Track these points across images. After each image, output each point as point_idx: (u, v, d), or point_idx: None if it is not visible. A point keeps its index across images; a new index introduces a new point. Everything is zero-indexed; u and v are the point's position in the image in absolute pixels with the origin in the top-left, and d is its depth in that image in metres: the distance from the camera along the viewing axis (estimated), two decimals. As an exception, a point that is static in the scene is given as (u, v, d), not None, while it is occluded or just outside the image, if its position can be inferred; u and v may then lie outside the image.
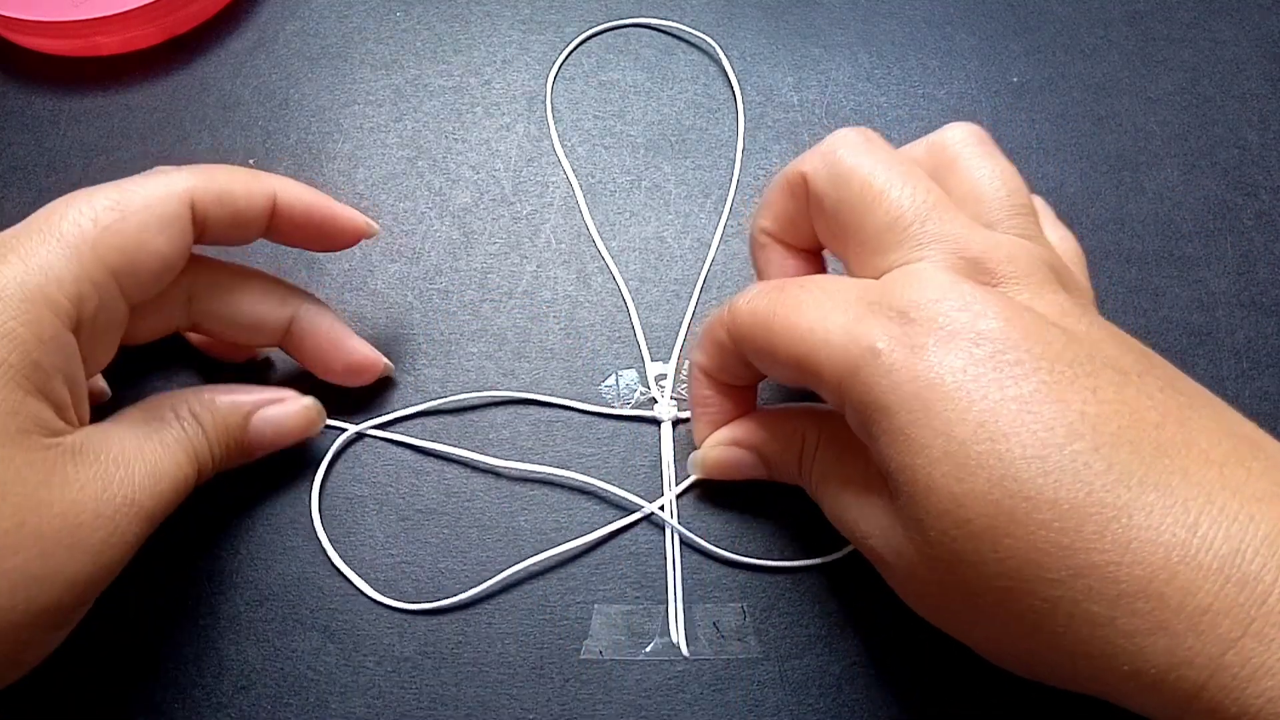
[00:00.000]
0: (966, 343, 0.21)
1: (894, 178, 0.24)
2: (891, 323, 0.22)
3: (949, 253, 0.23)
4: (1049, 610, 0.20)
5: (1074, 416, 0.20)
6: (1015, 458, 0.20)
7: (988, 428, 0.20)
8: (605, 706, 0.27)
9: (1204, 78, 0.38)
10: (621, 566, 0.29)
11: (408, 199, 0.36)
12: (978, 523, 0.20)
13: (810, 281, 0.25)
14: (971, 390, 0.21)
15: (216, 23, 0.40)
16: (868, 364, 0.22)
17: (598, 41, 0.40)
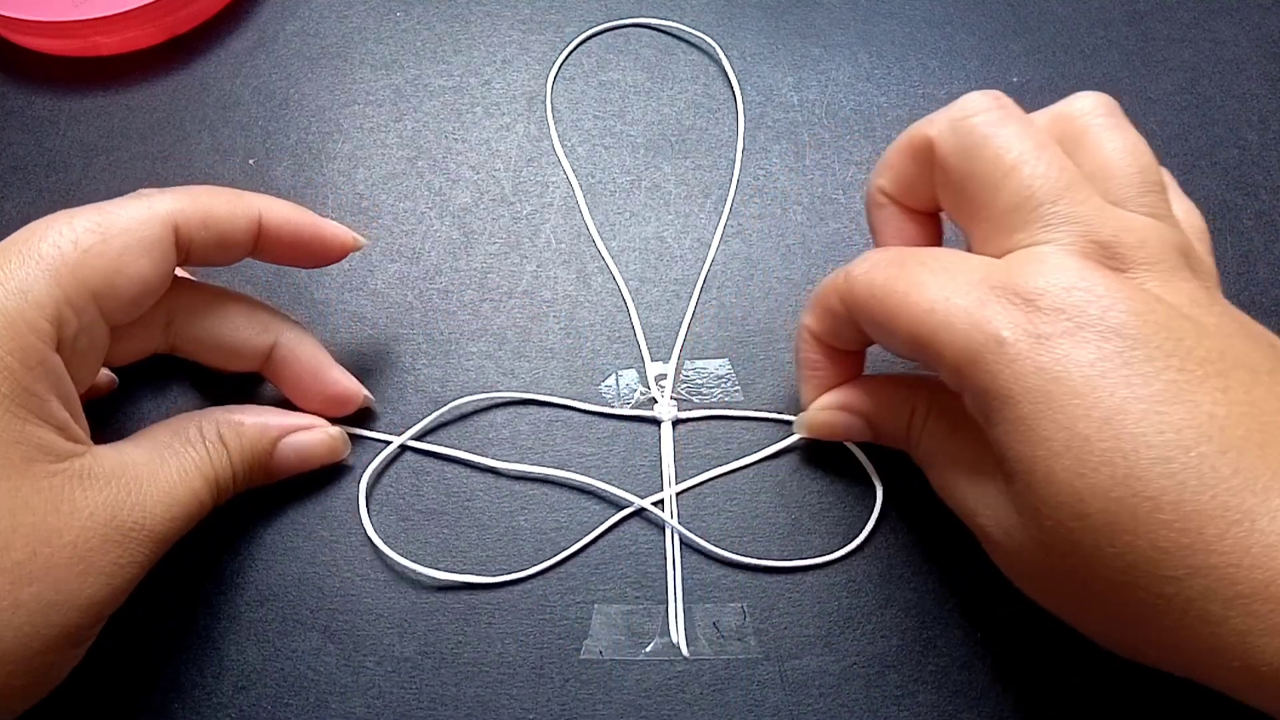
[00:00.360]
0: (1095, 336, 0.21)
1: (1028, 152, 0.24)
2: (1017, 310, 0.22)
3: (1079, 236, 0.23)
4: (1163, 605, 0.20)
5: (1202, 418, 0.20)
6: (1141, 458, 0.20)
7: (1113, 425, 0.20)
8: (605, 706, 0.27)
9: (1204, 78, 0.38)
10: (621, 566, 0.29)
11: (408, 199, 0.36)
12: (1097, 518, 0.20)
13: (931, 257, 0.24)
14: (1099, 386, 0.21)
15: (216, 23, 0.40)
16: (991, 352, 0.22)
17: (598, 41, 0.40)
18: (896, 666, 0.28)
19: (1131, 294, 0.22)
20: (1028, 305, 0.22)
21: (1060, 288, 0.22)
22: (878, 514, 0.30)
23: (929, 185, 0.26)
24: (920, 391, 0.27)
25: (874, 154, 0.37)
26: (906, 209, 0.27)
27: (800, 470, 0.31)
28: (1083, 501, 0.21)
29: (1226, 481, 0.19)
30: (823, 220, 0.35)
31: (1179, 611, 0.20)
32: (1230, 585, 0.19)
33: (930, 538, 0.29)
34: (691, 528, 0.30)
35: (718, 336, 0.33)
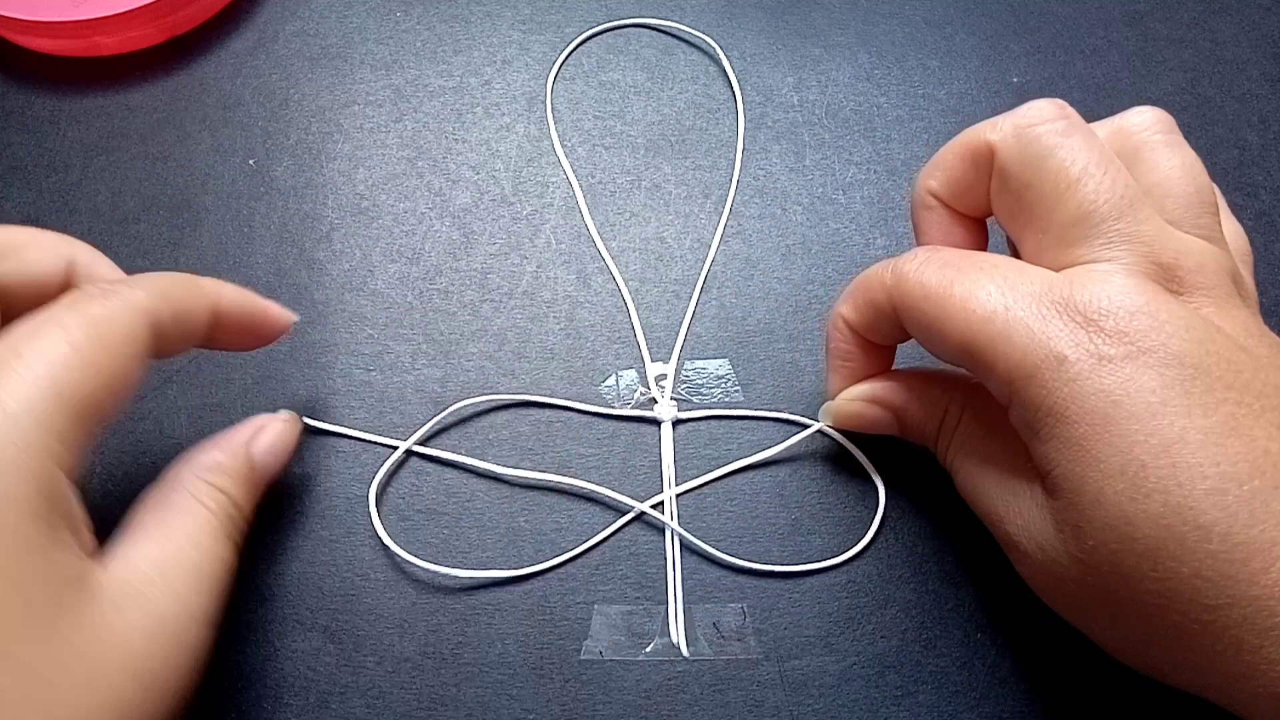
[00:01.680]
0: (1158, 363, 0.21)
1: (1092, 166, 0.23)
2: (1079, 329, 0.22)
3: (1141, 256, 0.23)
4: (1198, 630, 0.21)
5: (1258, 453, 0.20)
6: (1195, 488, 0.20)
7: (1171, 454, 0.21)
8: (605, 706, 0.27)
9: (1204, 78, 0.38)
10: (621, 567, 0.29)
11: (408, 199, 0.36)
12: (1144, 542, 0.21)
13: (990, 263, 0.24)
14: (1159, 414, 0.21)
15: (216, 23, 0.40)
16: (1050, 369, 0.22)
17: (598, 42, 0.40)
18: (896, 667, 0.28)
19: (1193, 322, 0.22)
20: (1090, 325, 0.22)
21: (1125, 310, 0.22)
22: (881, 516, 0.30)
23: (983, 190, 0.26)
24: (955, 391, 0.27)
25: (874, 154, 0.37)
26: (955, 213, 0.27)
27: (800, 471, 0.31)
28: (1131, 525, 0.21)
29: (1277, 516, 0.20)
30: (823, 220, 0.35)
31: (1213, 637, 0.20)
32: (1269, 616, 0.20)
33: (930, 539, 0.29)
34: (692, 529, 0.30)
35: (718, 337, 0.33)
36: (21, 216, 0.36)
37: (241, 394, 0.32)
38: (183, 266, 0.34)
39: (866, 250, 0.35)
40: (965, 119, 0.37)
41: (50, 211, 0.36)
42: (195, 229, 0.35)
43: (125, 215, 0.36)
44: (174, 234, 0.35)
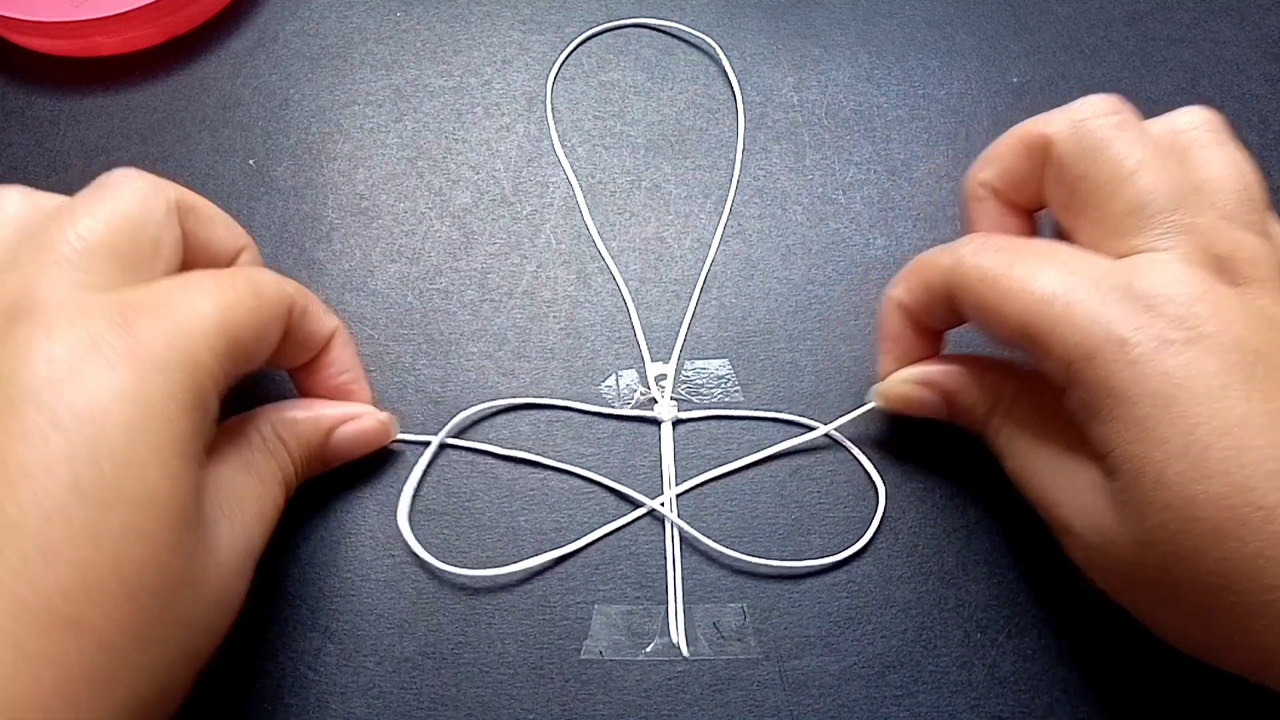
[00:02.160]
0: (1219, 348, 0.21)
1: (1148, 159, 0.24)
2: (1140, 313, 0.22)
3: (1197, 247, 0.23)
4: (1258, 610, 0.21)
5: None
6: (1259, 470, 0.20)
7: (1234, 436, 0.21)
8: (605, 706, 0.27)
9: (1204, 78, 0.38)
10: (621, 567, 0.29)
11: (408, 199, 0.36)
12: (1206, 522, 0.21)
13: (1049, 248, 0.25)
14: (1222, 397, 0.21)
15: (216, 23, 0.40)
16: (1112, 350, 0.22)
17: (598, 42, 0.40)
18: (896, 667, 0.28)
19: (1253, 312, 0.22)
20: (1150, 309, 0.22)
21: (1186, 296, 0.22)
22: (880, 516, 0.30)
23: (1037, 182, 0.26)
24: (1008, 376, 0.27)
25: (874, 154, 0.37)
26: (1006, 204, 0.27)
27: (801, 471, 0.31)
28: (1194, 505, 0.21)
29: None
30: (823, 220, 0.35)
31: (1273, 617, 0.21)
32: None
33: (930, 539, 0.30)
34: (692, 528, 0.30)
35: (718, 337, 0.33)
36: (21, 216, 0.35)
37: (241, 392, 0.32)
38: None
39: (866, 250, 0.35)
40: (965, 119, 0.37)
41: (50, 211, 0.36)
42: (195, 229, 0.35)
43: (125, 215, 0.36)
44: (174, 234, 0.35)
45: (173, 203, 0.25)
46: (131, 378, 0.20)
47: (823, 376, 0.32)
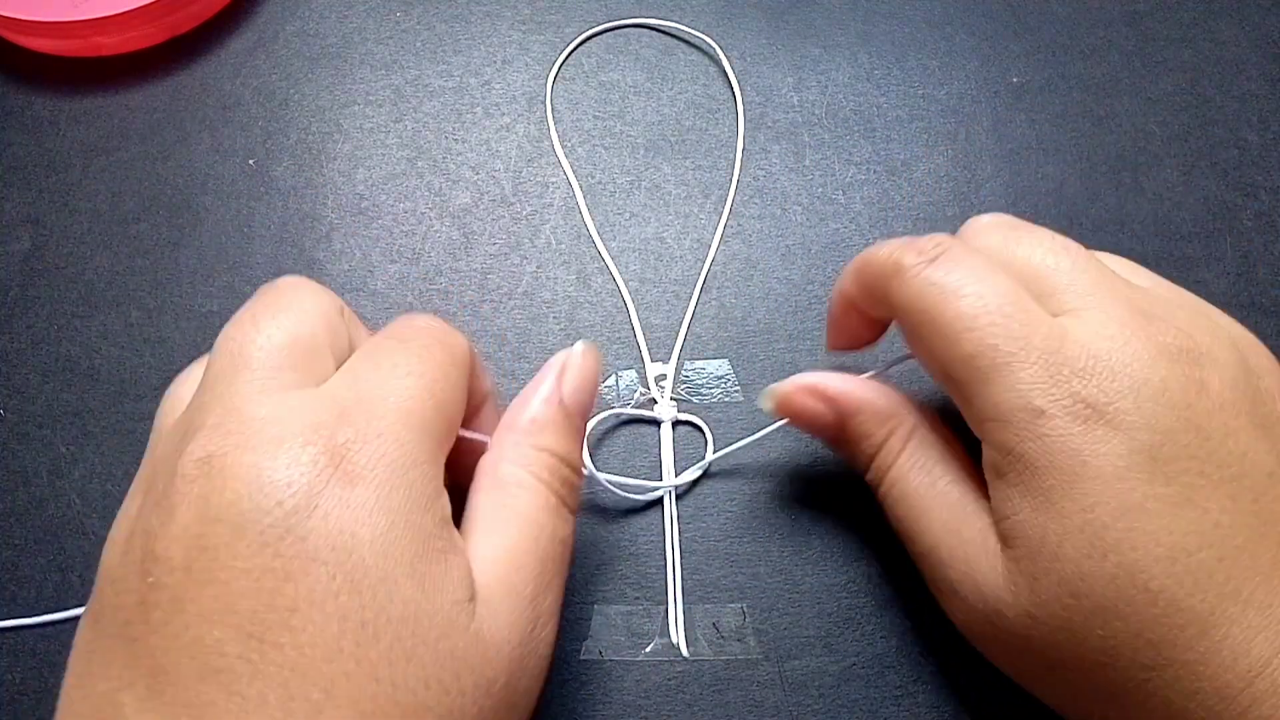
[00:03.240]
0: (1129, 428, 0.21)
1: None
2: (1061, 383, 0.22)
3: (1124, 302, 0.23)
4: (1132, 688, 0.21)
5: (1209, 525, 0.21)
6: (1148, 554, 0.21)
7: (1130, 519, 0.21)
8: (605, 707, 0.27)
9: (1204, 78, 0.38)
10: (621, 567, 0.29)
11: (407, 199, 0.36)
12: (1095, 599, 0.21)
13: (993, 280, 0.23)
14: (1125, 478, 0.21)
15: (216, 23, 0.40)
16: (1025, 419, 0.22)
17: (597, 42, 0.40)
18: (896, 667, 0.28)
19: (1172, 382, 0.22)
20: (1074, 378, 0.22)
21: (1109, 369, 0.22)
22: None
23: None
24: (908, 413, 0.26)
25: (874, 154, 0.37)
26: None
27: (800, 472, 0.31)
28: (1086, 582, 0.21)
29: (1217, 588, 0.21)
30: (822, 221, 0.35)
31: (1145, 695, 0.21)
32: (1194, 681, 0.20)
33: (930, 538, 0.30)
34: (692, 528, 0.30)
35: (717, 337, 0.33)
36: (21, 216, 0.36)
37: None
38: (183, 267, 0.34)
39: (864, 251, 0.35)
40: (965, 119, 0.37)
41: (50, 211, 0.36)
42: (195, 229, 0.35)
43: (125, 215, 0.36)
44: (174, 234, 0.35)
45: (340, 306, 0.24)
46: (369, 491, 0.20)
47: (822, 377, 0.32)
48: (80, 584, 0.29)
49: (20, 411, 0.32)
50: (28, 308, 0.34)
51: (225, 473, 0.19)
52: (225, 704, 0.18)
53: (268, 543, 0.19)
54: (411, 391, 0.21)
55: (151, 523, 0.20)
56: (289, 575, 0.19)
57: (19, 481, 0.31)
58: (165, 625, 0.18)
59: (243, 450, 0.19)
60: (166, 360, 0.33)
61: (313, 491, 0.19)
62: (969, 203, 0.35)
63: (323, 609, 0.19)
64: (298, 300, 0.23)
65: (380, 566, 0.19)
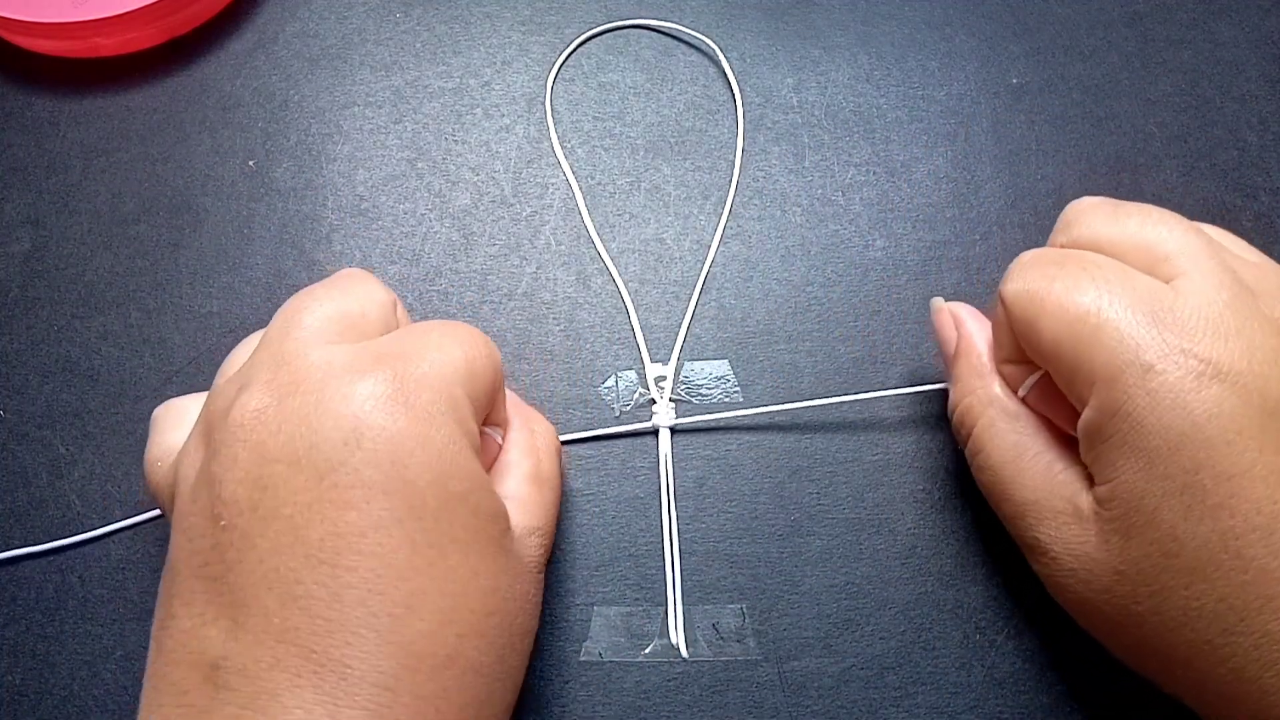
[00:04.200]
0: (1242, 392, 0.21)
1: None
2: (1173, 340, 0.22)
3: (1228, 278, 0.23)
4: (1208, 651, 0.21)
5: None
6: (1247, 522, 0.21)
7: (1233, 484, 0.21)
8: (605, 708, 0.27)
9: (1203, 79, 0.38)
10: (621, 568, 0.29)
11: (407, 200, 0.36)
12: (1185, 560, 0.21)
13: (1093, 264, 0.24)
14: (1233, 443, 0.21)
15: (216, 24, 0.40)
16: (1135, 375, 0.22)
17: (597, 43, 0.40)
18: (895, 668, 0.28)
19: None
20: (1185, 337, 0.22)
21: (1223, 331, 0.22)
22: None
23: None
24: (1026, 368, 0.26)
25: (873, 155, 0.37)
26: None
27: (800, 471, 0.31)
28: (1179, 543, 0.21)
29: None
30: (822, 222, 0.35)
31: (1218, 660, 0.21)
32: (1274, 650, 0.20)
33: (928, 540, 0.30)
34: (691, 528, 0.30)
35: (717, 338, 0.33)
36: (22, 217, 0.36)
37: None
38: (182, 268, 0.34)
39: (866, 252, 0.35)
40: (964, 120, 0.37)
41: (50, 213, 0.36)
42: (195, 230, 0.35)
43: (125, 216, 0.36)
44: (174, 235, 0.35)
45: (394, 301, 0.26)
46: (416, 426, 0.21)
47: (822, 377, 0.32)
48: (80, 584, 0.29)
49: (20, 412, 0.32)
50: (28, 308, 0.34)
51: (279, 418, 0.21)
52: (309, 627, 0.19)
53: (322, 475, 0.20)
54: (452, 355, 0.23)
55: (215, 471, 0.21)
56: (349, 504, 0.20)
57: (19, 482, 0.31)
58: (240, 562, 0.20)
59: (293, 395, 0.21)
60: (166, 361, 0.33)
61: (359, 428, 0.20)
62: (968, 204, 0.35)
63: (390, 533, 0.20)
64: (354, 285, 0.25)
65: (436, 496, 0.21)
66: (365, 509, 0.20)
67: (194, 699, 0.19)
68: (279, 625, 0.19)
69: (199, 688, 0.19)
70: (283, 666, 0.19)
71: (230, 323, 0.33)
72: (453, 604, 0.21)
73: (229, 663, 0.19)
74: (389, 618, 0.20)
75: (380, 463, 0.20)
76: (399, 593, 0.20)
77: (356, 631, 0.19)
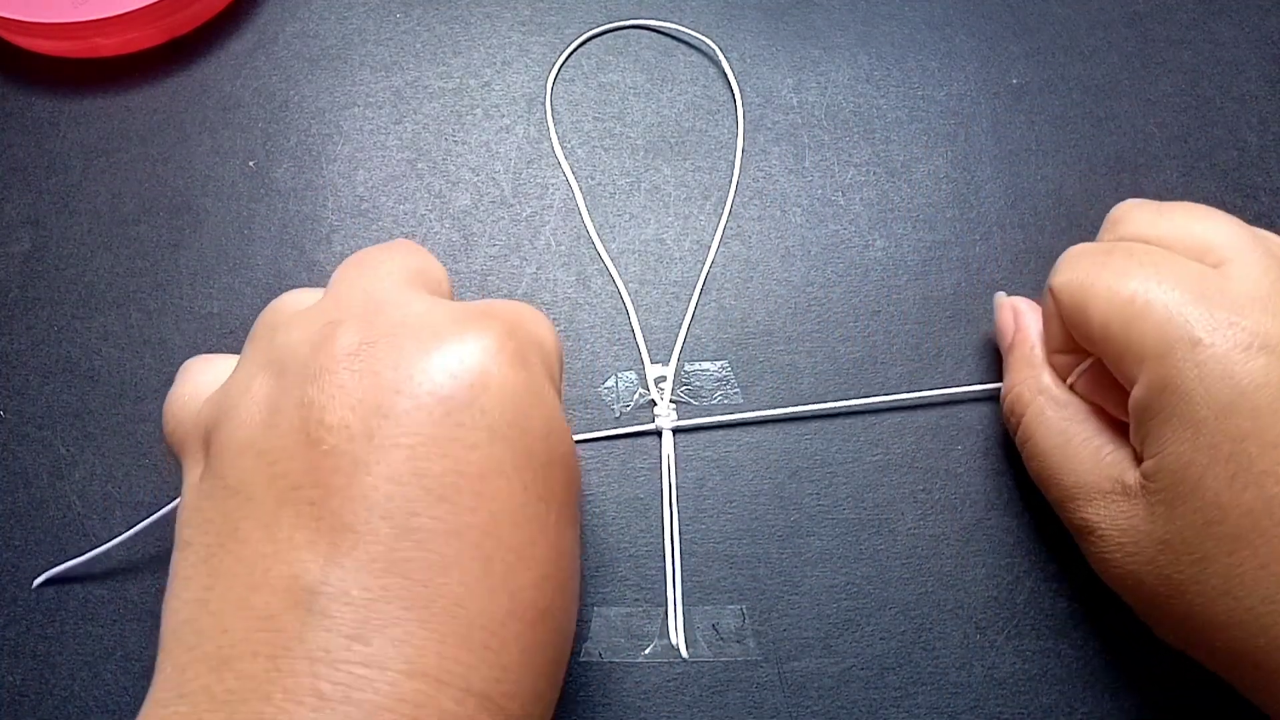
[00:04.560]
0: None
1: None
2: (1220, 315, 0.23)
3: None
4: (1249, 620, 0.22)
5: None
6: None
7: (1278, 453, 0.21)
8: (604, 708, 0.27)
9: (1203, 79, 0.38)
10: (621, 568, 0.29)
11: (407, 201, 0.36)
12: (1227, 528, 0.22)
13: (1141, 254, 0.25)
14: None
15: (216, 24, 0.40)
16: (1184, 349, 0.23)
17: (597, 43, 0.40)
18: (895, 668, 0.28)
19: None
20: (1233, 312, 0.23)
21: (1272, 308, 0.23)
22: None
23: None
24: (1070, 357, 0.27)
25: (873, 155, 0.37)
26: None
27: (800, 473, 0.31)
28: (1222, 510, 0.22)
29: None
30: (822, 222, 0.35)
31: (1259, 630, 0.21)
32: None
33: (928, 539, 0.30)
34: (691, 529, 0.30)
35: (717, 338, 0.33)
36: (22, 218, 0.36)
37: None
38: (183, 268, 0.34)
39: (866, 252, 0.35)
40: (964, 120, 0.37)
41: (50, 213, 0.36)
42: (195, 231, 0.35)
43: (125, 217, 0.36)
44: (174, 236, 0.35)
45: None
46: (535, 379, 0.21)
47: (822, 378, 0.32)
48: (79, 585, 0.29)
49: (20, 413, 0.32)
50: (28, 309, 0.34)
51: (393, 355, 0.20)
52: (424, 560, 0.19)
53: (450, 412, 0.20)
54: (545, 328, 0.23)
55: (310, 394, 0.20)
56: (475, 445, 0.20)
57: (19, 482, 0.31)
58: (349, 487, 0.19)
59: (402, 336, 0.20)
60: (166, 362, 0.33)
61: (485, 373, 0.20)
62: (968, 204, 0.35)
63: (509, 480, 0.20)
64: (416, 249, 0.25)
65: (546, 452, 0.21)
66: (488, 450, 0.20)
67: (283, 623, 0.18)
68: (391, 555, 0.18)
69: (288, 612, 0.18)
70: (391, 597, 0.18)
71: (230, 323, 0.34)
72: (554, 558, 0.21)
73: (329, 588, 0.18)
74: (502, 563, 0.19)
75: (505, 409, 0.20)
76: (514, 540, 0.20)
77: (471, 571, 0.19)
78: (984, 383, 0.32)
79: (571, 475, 0.22)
